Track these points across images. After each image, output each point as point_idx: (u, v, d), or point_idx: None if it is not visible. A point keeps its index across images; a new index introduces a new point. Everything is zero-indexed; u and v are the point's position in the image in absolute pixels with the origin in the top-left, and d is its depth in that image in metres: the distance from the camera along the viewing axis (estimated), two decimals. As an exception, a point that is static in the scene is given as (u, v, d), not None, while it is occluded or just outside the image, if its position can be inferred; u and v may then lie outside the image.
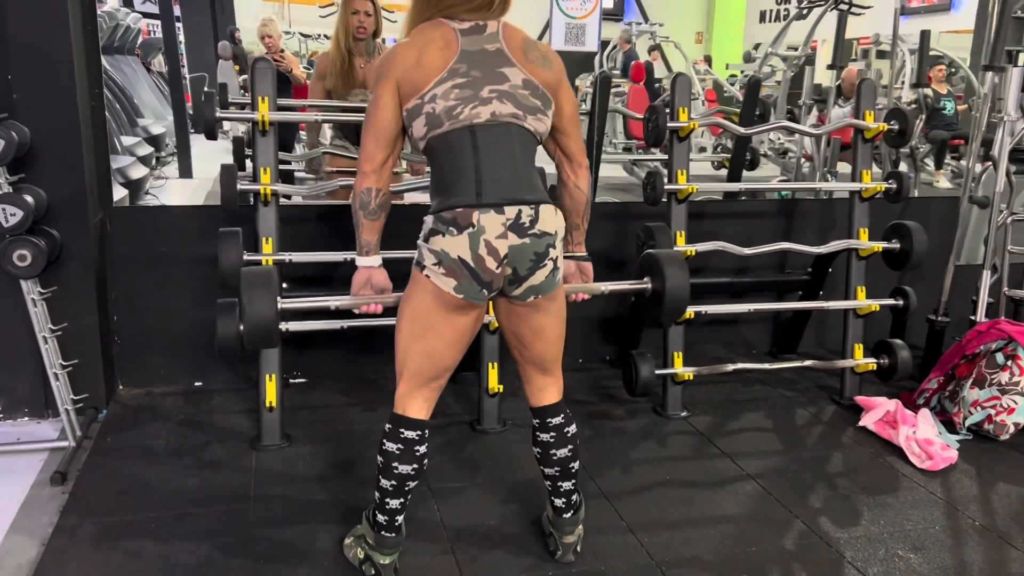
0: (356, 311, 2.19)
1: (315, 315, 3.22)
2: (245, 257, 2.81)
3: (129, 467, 2.78)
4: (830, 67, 4.64)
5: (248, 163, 5.18)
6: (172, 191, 7.85)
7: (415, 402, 2.11)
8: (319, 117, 2.93)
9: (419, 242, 2.02)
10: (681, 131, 3.19)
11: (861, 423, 3.21)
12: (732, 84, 11.87)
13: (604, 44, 15.01)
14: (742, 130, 3.40)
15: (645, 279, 2.35)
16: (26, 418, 3.14)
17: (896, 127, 3.33)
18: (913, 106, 7.18)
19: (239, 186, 2.82)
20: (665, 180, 3.23)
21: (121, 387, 3.38)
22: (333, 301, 2.17)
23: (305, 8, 14.44)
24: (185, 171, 8.62)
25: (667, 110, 3.21)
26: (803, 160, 5.89)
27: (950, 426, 3.20)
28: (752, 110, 4.63)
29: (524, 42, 2.04)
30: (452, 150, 1.97)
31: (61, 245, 2.93)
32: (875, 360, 3.43)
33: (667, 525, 2.54)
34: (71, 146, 2.93)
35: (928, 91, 8.76)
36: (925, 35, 4.90)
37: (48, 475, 2.71)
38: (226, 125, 11.75)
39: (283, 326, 2.97)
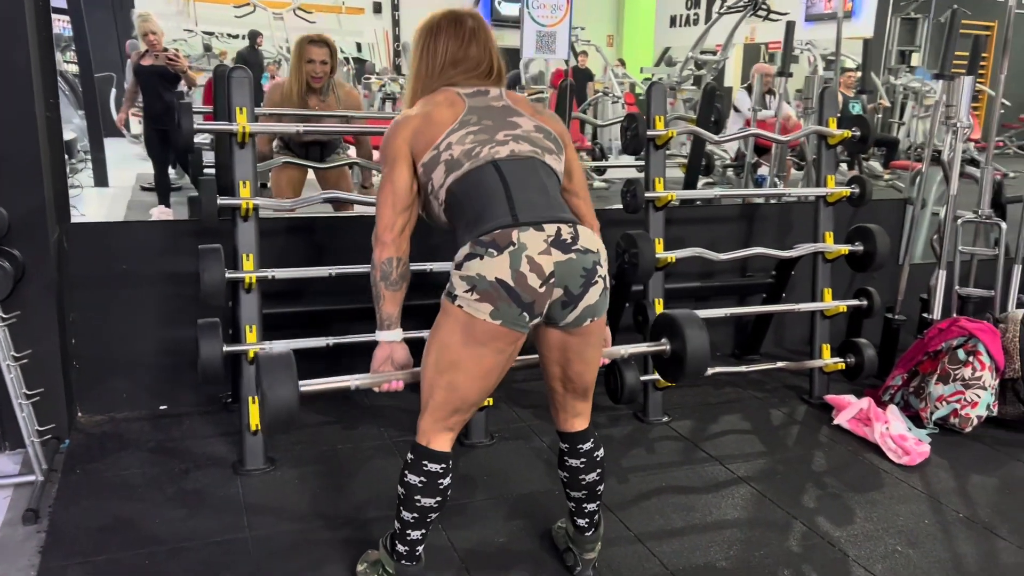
0: (376, 390, 2.08)
1: (299, 330, 3.11)
2: (228, 275, 2.68)
3: (107, 501, 2.62)
4: (779, 74, 4.78)
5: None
6: (89, 201, 7.45)
7: (439, 434, 2.01)
8: (300, 128, 2.82)
9: (452, 270, 1.91)
10: (659, 139, 3.21)
11: (836, 421, 3.31)
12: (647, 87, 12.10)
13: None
14: (716, 137, 3.46)
15: (663, 340, 2.32)
16: (-19, 452, 2.93)
17: (859, 133, 3.44)
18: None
19: (219, 201, 2.69)
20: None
21: (80, 414, 3.18)
22: (354, 381, 2.05)
23: (215, 7, 13.97)
24: (100, 179, 8.21)
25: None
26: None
27: (917, 421, 3.32)
28: (709, 116, 4.72)
29: (529, 101, 2.13)
30: (478, 184, 1.92)
31: (24, 266, 2.74)
32: (842, 359, 3.54)
33: (674, 533, 2.55)
34: (30, 160, 2.74)
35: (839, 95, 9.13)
36: (868, 44, 5.09)
37: (17, 513, 2.53)
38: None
39: (266, 345, 2.85)
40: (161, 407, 3.29)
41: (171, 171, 7.46)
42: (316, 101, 3.77)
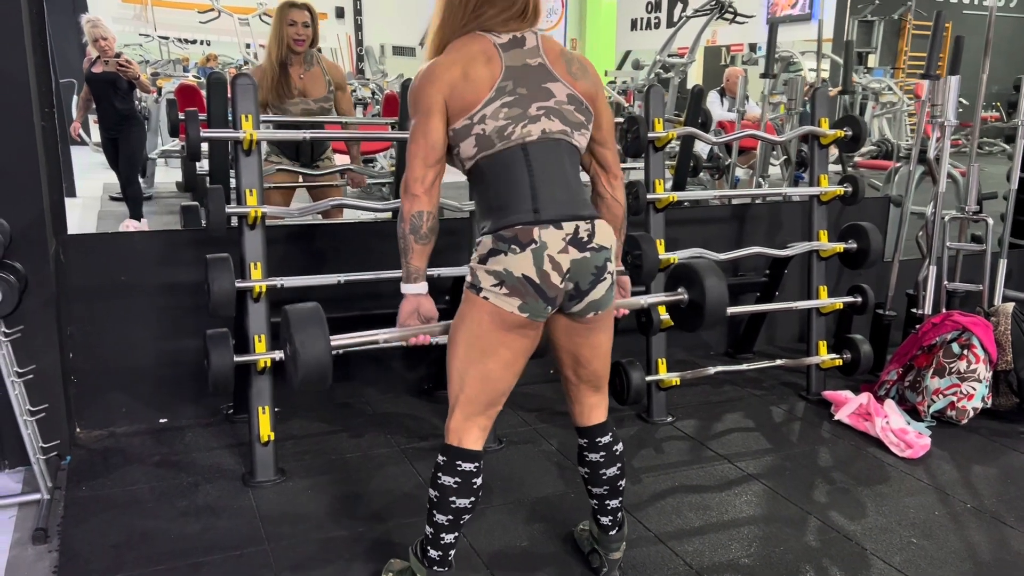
0: (405, 344, 2.08)
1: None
2: (238, 285, 2.65)
3: (117, 517, 2.57)
4: (763, 76, 4.85)
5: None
6: (58, 211, 7.30)
7: (471, 432, 2.03)
8: (307, 135, 2.79)
9: (473, 264, 1.96)
10: (658, 141, 3.24)
11: (837, 417, 3.36)
12: (613, 89, 12.23)
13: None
14: (712, 139, 3.50)
15: (679, 290, 2.36)
16: (-20, 471, 2.85)
17: (850, 133, 3.50)
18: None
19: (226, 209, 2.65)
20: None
21: (79, 430, 3.11)
22: (382, 335, 2.04)
23: (176, 12, 13.78)
24: (68, 190, 8.03)
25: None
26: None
27: (914, 414, 3.39)
28: (696, 118, 4.77)
29: (562, 54, 2.04)
30: (505, 169, 1.94)
31: (26, 279, 2.67)
32: (839, 356, 3.60)
33: (693, 532, 2.57)
34: (29, 171, 2.69)
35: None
36: (850, 45, 5.20)
37: (25, 533, 2.48)
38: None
39: (275, 355, 2.82)
40: (161, 420, 3.23)
41: (140, 180, 7.32)
42: (299, 71, 3.80)
